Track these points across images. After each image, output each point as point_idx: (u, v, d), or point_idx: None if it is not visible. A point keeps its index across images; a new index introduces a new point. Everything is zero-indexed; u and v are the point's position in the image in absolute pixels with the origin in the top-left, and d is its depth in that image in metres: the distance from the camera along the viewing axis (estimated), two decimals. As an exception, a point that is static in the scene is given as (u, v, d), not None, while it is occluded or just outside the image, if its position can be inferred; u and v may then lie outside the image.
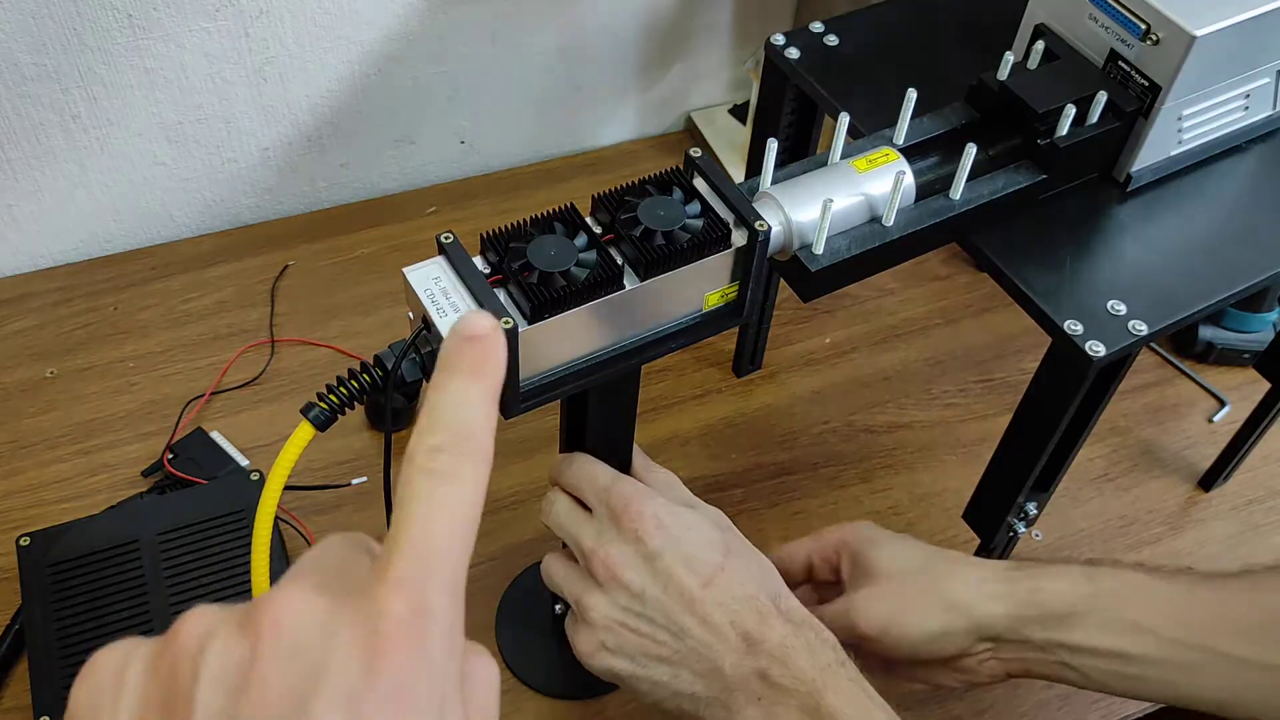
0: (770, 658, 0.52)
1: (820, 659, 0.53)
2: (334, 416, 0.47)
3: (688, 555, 0.54)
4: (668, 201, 0.48)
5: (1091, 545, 0.84)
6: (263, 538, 0.47)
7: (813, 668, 0.52)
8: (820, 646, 0.54)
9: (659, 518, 0.55)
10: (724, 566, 0.54)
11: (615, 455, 0.60)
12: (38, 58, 0.85)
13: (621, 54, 1.07)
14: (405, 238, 1.02)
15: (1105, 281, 0.58)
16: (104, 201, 0.96)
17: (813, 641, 0.54)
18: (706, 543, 0.55)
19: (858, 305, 0.99)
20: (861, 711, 0.51)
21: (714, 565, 0.54)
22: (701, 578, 0.54)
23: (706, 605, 0.53)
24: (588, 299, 0.47)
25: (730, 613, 0.53)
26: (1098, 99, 0.57)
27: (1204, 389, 0.95)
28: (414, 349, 0.46)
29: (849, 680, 0.53)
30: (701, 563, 0.54)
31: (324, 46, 0.94)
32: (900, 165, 0.55)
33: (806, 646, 0.53)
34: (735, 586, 0.54)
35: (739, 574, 0.54)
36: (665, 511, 0.55)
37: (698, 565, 0.54)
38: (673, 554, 0.54)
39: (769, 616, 0.53)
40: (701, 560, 0.54)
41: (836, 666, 0.53)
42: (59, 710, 0.66)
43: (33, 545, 0.73)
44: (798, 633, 0.53)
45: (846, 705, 0.51)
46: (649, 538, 0.54)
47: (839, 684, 0.52)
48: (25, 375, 0.88)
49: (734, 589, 0.54)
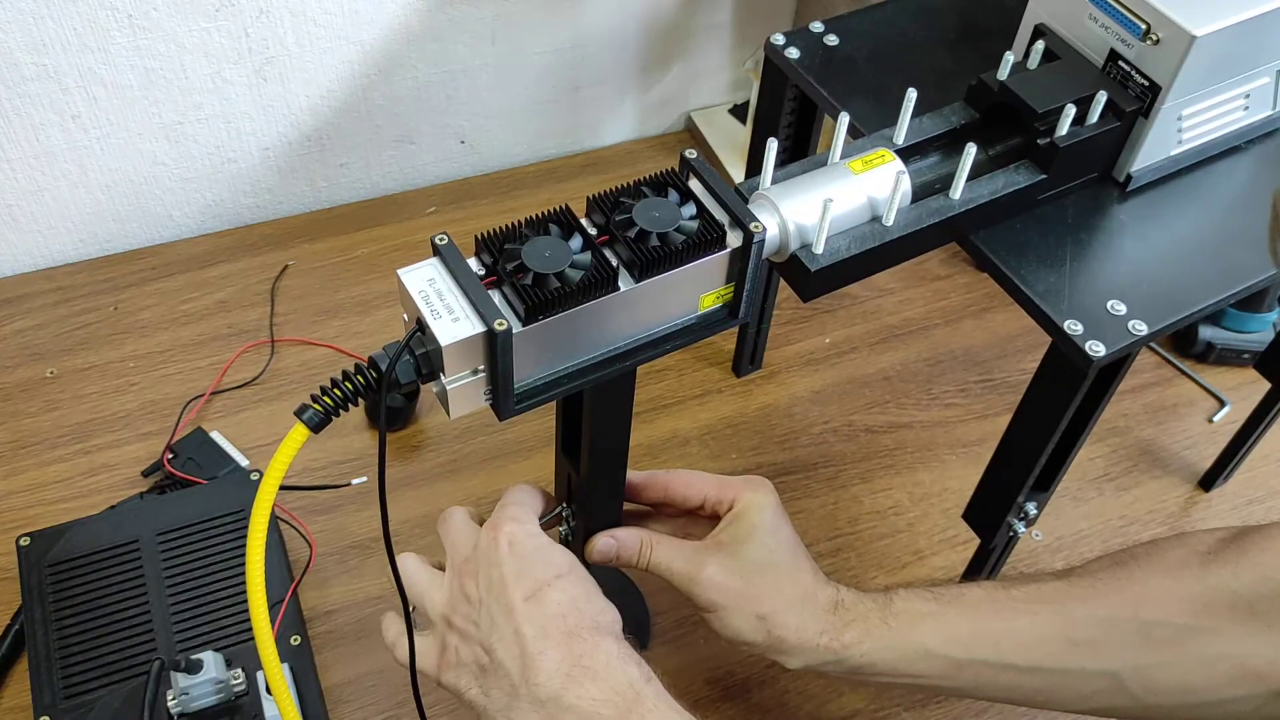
0: (567, 678, 0.51)
1: (626, 676, 0.52)
2: (328, 418, 0.47)
3: (521, 570, 0.54)
4: (663, 203, 0.48)
5: (1091, 545, 0.84)
6: (257, 539, 0.47)
7: (613, 689, 0.51)
8: (626, 665, 0.53)
9: (513, 535, 0.55)
10: (551, 583, 0.54)
11: (611, 456, 0.60)
12: (38, 58, 0.85)
13: (621, 54, 1.07)
14: (405, 238, 1.02)
15: (1105, 281, 0.58)
16: (104, 201, 0.97)
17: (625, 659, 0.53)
18: (545, 561, 0.55)
19: (858, 305, 0.99)
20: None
21: (542, 581, 0.54)
22: (525, 591, 0.53)
23: (523, 620, 0.52)
24: (582, 301, 0.46)
25: (539, 630, 0.52)
26: (1098, 99, 0.57)
27: (1204, 389, 0.95)
28: (408, 350, 0.46)
29: (654, 698, 0.52)
30: (531, 578, 0.54)
31: (324, 46, 0.94)
32: (900, 165, 0.55)
33: (608, 665, 0.52)
34: (554, 603, 0.53)
35: (562, 592, 0.54)
36: (523, 532, 0.56)
37: (527, 580, 0.54)
38: (511, 568, 0.54)
39: (575, 635, 0.53)
40: (533, 575, 0.54)
41: (642, 684, 0.52)
42: (59, 710, 0.66)
43: (33, 545, 0.73)
44: (597, 651, 0.53)
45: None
46: (498, 552, 0.55)
47: (644, 705, 0.51)
48: (25, 375, 0.88)
49: (551, 606, 0.53)
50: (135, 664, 0.68)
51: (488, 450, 0.86)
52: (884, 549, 0.83)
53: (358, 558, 0.79)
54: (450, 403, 0.48)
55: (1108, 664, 0.57)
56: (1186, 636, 0.56)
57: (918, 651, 0.59)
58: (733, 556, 0.61)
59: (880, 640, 0.59)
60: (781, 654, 0.60)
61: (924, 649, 0.59)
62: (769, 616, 0.60)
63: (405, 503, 0.82)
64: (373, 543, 0.80)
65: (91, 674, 0.68)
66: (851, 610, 0.60)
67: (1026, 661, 0.58)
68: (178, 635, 0.70)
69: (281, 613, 0.72)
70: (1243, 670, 0.54)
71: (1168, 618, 0.56)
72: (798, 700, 0.74)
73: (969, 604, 0.60)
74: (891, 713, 0.74)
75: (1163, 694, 0.56)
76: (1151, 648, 0.56)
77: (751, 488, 0.62)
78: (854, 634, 0.59)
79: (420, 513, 0.82)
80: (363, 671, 0.73)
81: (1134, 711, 0.57)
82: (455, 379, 0.47)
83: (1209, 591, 0.56)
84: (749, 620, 0.60)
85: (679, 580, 0.61)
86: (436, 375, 0.47)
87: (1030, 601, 0.59)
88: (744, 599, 0.60)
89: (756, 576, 0.60)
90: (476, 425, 0.87)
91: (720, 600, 0.60)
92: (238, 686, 0.66)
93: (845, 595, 0.61)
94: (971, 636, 0.59)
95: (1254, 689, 0.54)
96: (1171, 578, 0.57)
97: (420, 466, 0.85)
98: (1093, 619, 0.58)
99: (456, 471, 0.85)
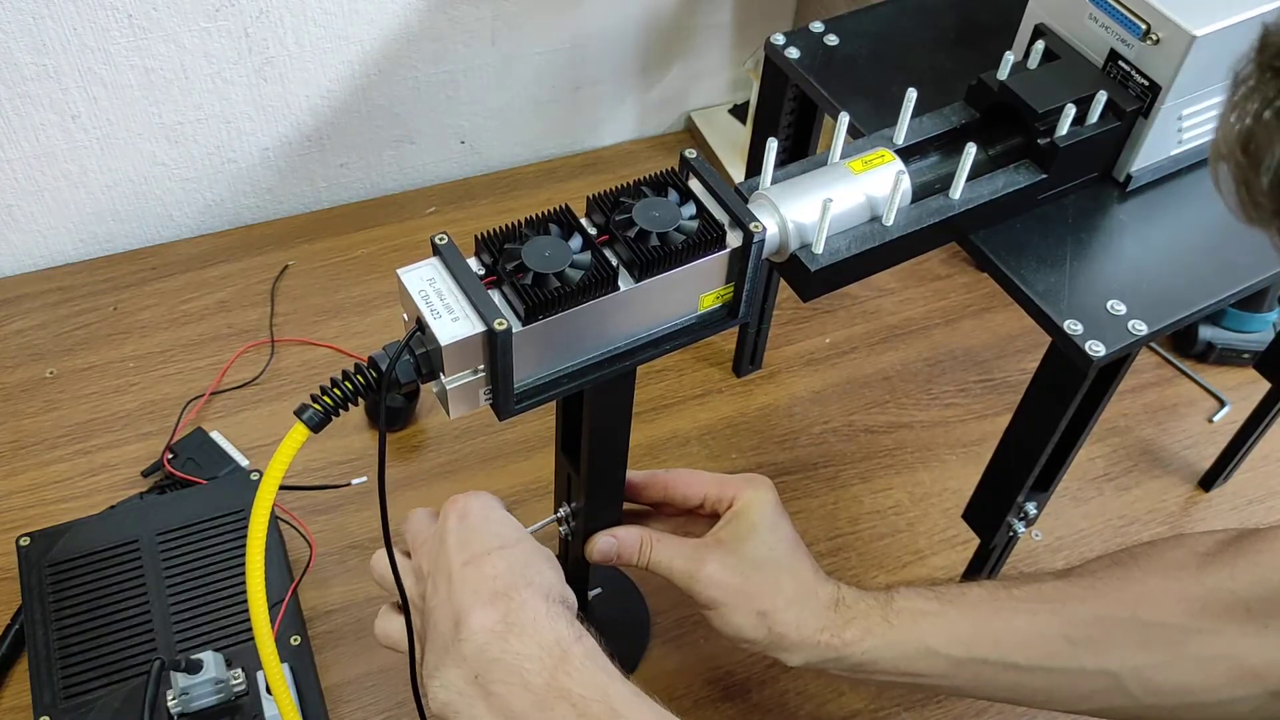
0: (491, 634, 0.50)
1: (555, 633, 0.51)
2: (328, 418, 0.47)
3: (466, 539, 0.54)
4: (663, 203, 0.48)
5: (1091, 545, 0.84)
6: (257, 539, 0.47)
7: (539, 645, 0.50)
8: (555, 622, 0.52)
9: (466, 508, 0.55)
10: (492, 551, 0.53)
11: (611, 455, 0.60)
12: (38, 58, 0.85)
13: (621, 54, 1.07)
14: (405, 238, 1.02)
15: (1105, 281, 0.58)
16: (104, 201, 0.97)
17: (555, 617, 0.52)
18: (491, 531, 0.54)
19: (858, 305, 0.99)
20: (596, 688, 0.50)
21: (485, 549, 0.53)
22: (465, 557, 0.53)
23: (458, 585, 0.52)
24: (582, 300, 0.46)
25: (470, 593, 0.51)
26: (1098, 99, 0.57)
27: (1204, 389, 0.95)
28: (408, 350, 0.46)
29: (583, 656, 0.51)
30: (474, 546, 0.53)
31: (324, 46, 0.94)
32: (900, 165, 0.55)
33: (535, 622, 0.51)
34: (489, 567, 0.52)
35: (502, 558, 0.53)
36: (475, 503, 0.55)
37: (469, 548, 0.53)
38: (456, 537, 0.54)
39: (503, 596, 0.52)
40: (476, 543, 0.53)
41: (571, 641, 0.51)
42: (59, 710, 0.66)
43: (33, 545, 0.73)
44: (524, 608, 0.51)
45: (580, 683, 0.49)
46: (448, 523, 0.54)
47: (572, 663, 0.50)
48: (25, 375, 0.88)
49: (486, 569, 0.52)
50: (135, 664, 0.68)
51: (488, 450, 0.86)
52: (884, 549, 0.83)
53: (358, 558, 0.79)
54: (450, 403, 0.48)
55: (1107, 664, 0.57)
56: (1185, 637, 0.56)
57: (919, 650, 0.59)
58: (733, 554, 0.61)
59: (881, 638, 0.59)
60: (782, 651, 0.60)
61: (925, 647, 0.59)
62: (770, 613, 0.60)
63: (405, 503, 0.82)
64: (373, 543, 0.80)
65: (91, 674, 0.68)
66: (852, 608, 0.60)
67: (1026, 661, 0.58)
68: (178, 635, 0.70)
69: (281, 613, 0.72)
70: (1240, 670, 0.55)
71: (1166, 619, 0.56)
72: (798, 700, 0.74)
73: (970, 603, 0.60)
74: (891, 712, 0.74)
75: (1161, 694, 0.56)
76: (1150, 648, 0.56)
77: (752, 486, 0.63)
78: (855, 631, 0.60)
79: (420, 513, 0.82)
80: (363, 671, 0.73)
81: (1133, 711, 0.58)
82: (455, 379, 0.47)
83: (1207, 593, 0.56)
84: (750, 617, 0.60)
85: (679, 578, 0.61)
86: (436, 375, 0.47)
87: (1030, 601, 0.60)
88: (744, 596, 0.60)
89: (756, 573, 0.60)
90: (476, 425, 0.87)
91: (721, 597, 0.60)
92: (238, 686, 0.66)
93: (846, 593, 0.61)
94: (972, 635, 0.59)
95: (1252, 689, 0.54)
96: (1170, 579, 0.58)
97: (420, 466, 0.85)
98: (1092, 619, 0.58)
99: (456, 471, 0.85)
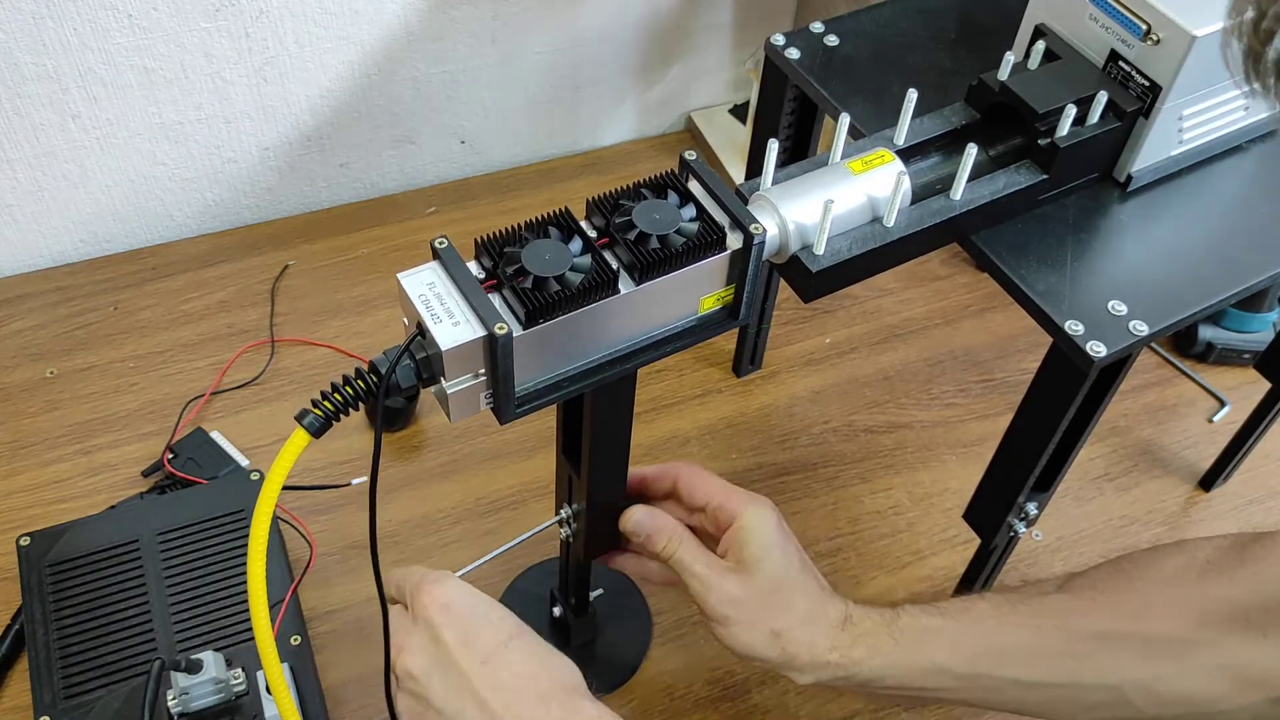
0: None
1: None
2: (329, 423, 0.47)
3: (468, 635, 0.53)
4: (663, 205, 0.48)
5: (1091, 545, 0.84)
6: (258, 545, 0.47)
7: None
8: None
9: (447, 599, 0.54)
10: (507, 644, 0.53)
11: (612, 457, 0.60)
12: (38, 58, 0.85)
13: (621, 54, 1.07)
14: (405, 238, 1.02)
15: (1106, 281, 0.58)
16: (104, 201, 0.96)
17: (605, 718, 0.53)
18: (491, 623, 0.54)
19: (858, 305, 0.99)
20: None
21: (496, 643, 0.53)
22: (480, 655, 0.53)
23: (483, 685, 0.52)
24: (582, 304, 0.46)
25: (508, 694, 0.52)
26: (1098, 99, 0.57)
27: (1204, 389, 0.95)
28: (408, 355, 0.46)
29: None
30: (483, 642, 0.53)
31: (324, 46, 0.94)
32: (901, 166, 0.55)
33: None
34: (515, 664, 0.53)
35: (521, 653, 0.53)
36: (455, 592, 0.55)
37: (477, 644, 0.53)
38: (454, 634, 0.53)
39: (549, 698, 0.52)
40: (483, 639, 0.53)
41: None
42: (59, 710, 0.66)
43: (33, 545, 0.73)
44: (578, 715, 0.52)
45: None
46: (435, 618, 0.54)
47: None
48: (25, 375, 0.88)
49: (514, 666, 0.53)
50: (135, 664, 0.68)
51: (488, 450, 0.86)
52: (884, 549, 0.83)
53: (358, 558, 0.79)
54: (451, 407, 0.48)
55: (1110, 678, 0.57)
56: (1187, 649, 0.56)
57: (924, 667, 0.59)
58: (750, 574, 0.61)
59: (888, 656, 0.59)
60: (793, 670, 0.60)
61: (931, 664, 0.59)
62: (783, 633, 0.60)
63: (405, 503, 0.82)
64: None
65: (91, 674, 0.68)
66: (859, 625, 0.60)
67: (1030, 676, 0.58)
68: (178, 635, 0.70)
69: (281, 613, 0.72)
70: (1242, 679, 0.55)
71: (1168, 631, 0.56)
72: (798, 700, 0.75)
73: (974, 619, 0.60)
74: (891, 713, 0.74)
75: (1164, 705, 0.56)
76: (1152, 661, 0.56)
77: (756, 503, 0.63)
78: (862, 650, 0.60)
79: (420, 513, 0.82)
80: (363, 671, 0.73)
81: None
82: (456, 383, 0.47)
83: (1208, 602, 0.56)
84: (763, 636, 0.60)
85: (694, 584, 0.61)
86: (437, 379, 0.47)
87: (1033, 616, 0.60)
88: (759, 615, 0.60)
89: (771, 593, 0.60)
90: (477, 426, 0.87)
91: (735, 615, 0.60)
92: (238, 686, 0.66)
93: (853, 610, 0.61)
94: (976, 651, 0.59)
95: (1252, 697, 0.54)
96: (1171, 588, 0.58)
97: (420, 467, 0.85)
98: (1094, 634, 0.58)
99: (456, 471, 0.85)
